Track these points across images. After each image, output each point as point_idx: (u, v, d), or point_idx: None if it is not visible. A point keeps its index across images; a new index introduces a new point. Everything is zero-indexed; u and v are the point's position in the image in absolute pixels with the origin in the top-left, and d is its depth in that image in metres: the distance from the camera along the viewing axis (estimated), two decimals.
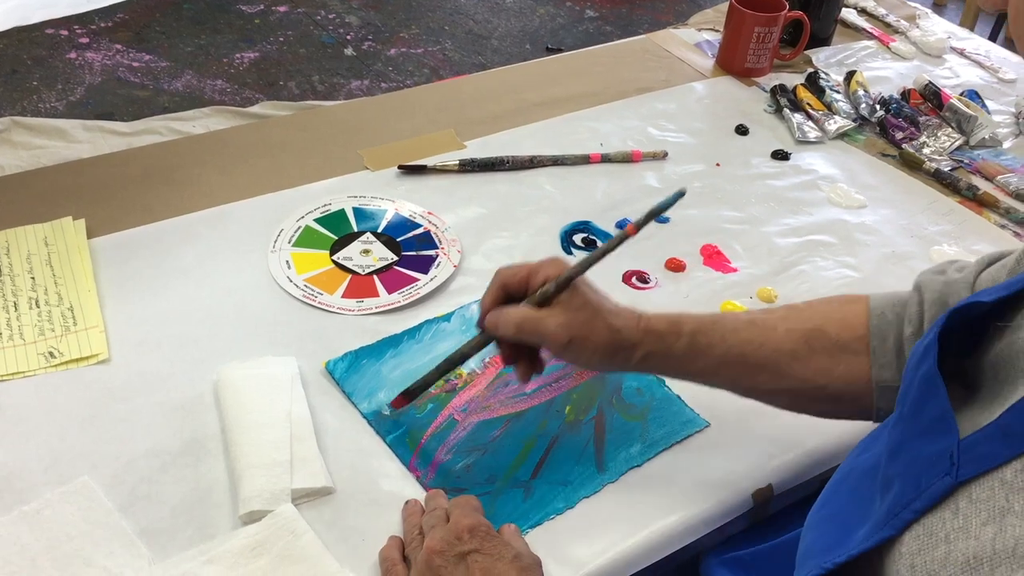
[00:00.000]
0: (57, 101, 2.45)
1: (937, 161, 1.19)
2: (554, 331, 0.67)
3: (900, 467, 0.53)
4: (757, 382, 0.70)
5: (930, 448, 0.51)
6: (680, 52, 1.40)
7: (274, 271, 0.90)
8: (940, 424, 0.51)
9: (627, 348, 0.69)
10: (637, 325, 0.69)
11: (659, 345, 0.69)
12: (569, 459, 0.74)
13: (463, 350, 0.72)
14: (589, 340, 0.67)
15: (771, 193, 1.10)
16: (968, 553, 0.45)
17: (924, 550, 0.47)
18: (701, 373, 0.71)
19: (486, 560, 0.60)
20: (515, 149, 1.12)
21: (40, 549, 0.64)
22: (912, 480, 0.51)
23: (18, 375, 0.77)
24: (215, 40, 2.81)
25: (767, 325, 0.70)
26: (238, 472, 0.69)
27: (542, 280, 0.69)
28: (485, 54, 2.93)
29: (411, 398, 0.74)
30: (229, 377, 0.77)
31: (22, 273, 0.87)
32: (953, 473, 0.48)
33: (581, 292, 0.68)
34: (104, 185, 1.01)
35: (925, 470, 0.50)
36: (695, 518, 0.72)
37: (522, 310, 0.69)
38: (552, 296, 0.68)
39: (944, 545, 0.46)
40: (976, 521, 0.45)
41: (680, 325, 0.70)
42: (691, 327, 0.69)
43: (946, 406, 0.51)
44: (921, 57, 1.46)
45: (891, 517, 0.51)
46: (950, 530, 0.46)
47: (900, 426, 0.55)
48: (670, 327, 0.69)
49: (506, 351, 0.72)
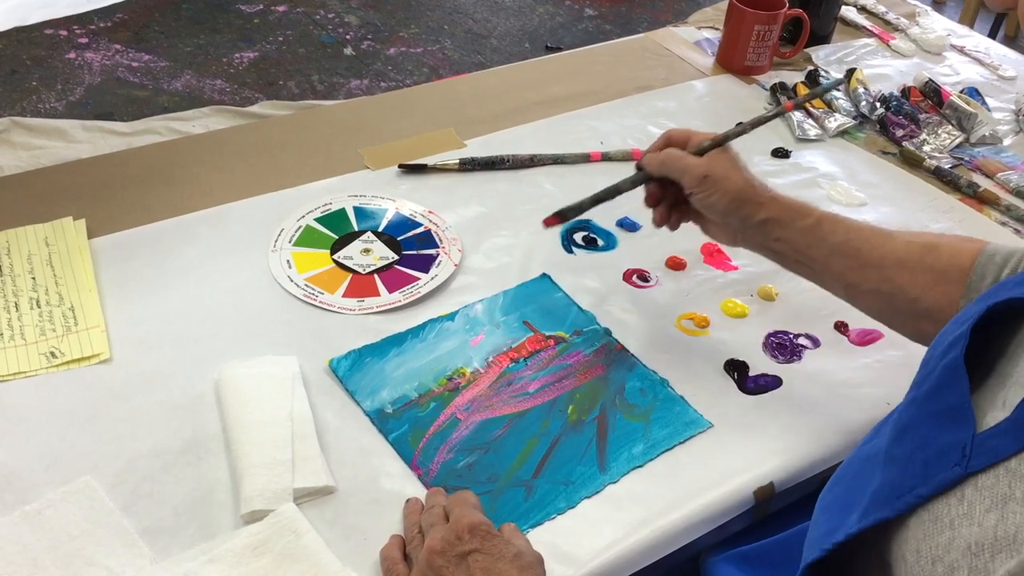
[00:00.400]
0: (56, 101, 2.45)
1: (937, 159, 1.18)
2: (695, 164, 0.78)
3: (907, 449, 0.53)
4: (862, 277, 0.76)
5: (943, 437, 0.51)
6: (680, 50, 1.40)
7: (275, 270, 0.90)
8: (957, 415, 0.51)
9: (753, 203, 0.78)
10: (767, 192, 0.79)
11: (784, 215, 0.78)
12: (571, 459, 0.74)
13: (618, 185, 0.82)
14: (723, 181, 0.77)
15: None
16: (971, 539, 0.45)
17: (929, 535, 0.48)
18: (812, 258, 0.78)
19: (487, 560, 0.60)
20: (515, 148, 1.12)
21: (42, 549, 0.64)
22: (919, 466, 0.51)
23: (19, 375, 0.77)
24: (214, 40, 2.81)
25: (889, 233, 0.77)
26: (239, 471, 0.69)
27: (699, 139, 0.80)
28: (484, 53, 2.93)
29: (564, 219, 0.82)
30: (230, 376, 0.77)
31: (23, 273, 0.87)
32: (963, 464, 0.48)
33: (730, 152, 0.80)
34: (104, 185, 1.01)
35: (934, 459, 0.50)
36: (696, 516, 0.72)
37: (671, 150, 0.80)
38: (705, 151, 0.79)
39: (949, 531, 0.47)
40: (980, 508, 0.46)
41: (809, 208, 0.78)
42: (819, 213, 0.78)
43: (966, 398, 0.51)
44: (921, 55, 1.46)
45: (892, 499, 0.51)
46: (955, 516, 0.47)
47: (912, 408, 0.55)
48: (799, 205, 0.78)
49: (652, 191, 0.83)
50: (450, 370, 0.81)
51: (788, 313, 0.92)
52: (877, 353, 0.88)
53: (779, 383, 0.84)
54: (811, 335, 0.89)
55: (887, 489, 0.52)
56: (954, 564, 0.45)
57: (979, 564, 0.44)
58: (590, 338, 0.86)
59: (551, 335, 0.86)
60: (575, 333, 0.86)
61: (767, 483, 0.75)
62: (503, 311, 0.88)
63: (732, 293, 0.93)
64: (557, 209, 0.81)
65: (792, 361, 0.86)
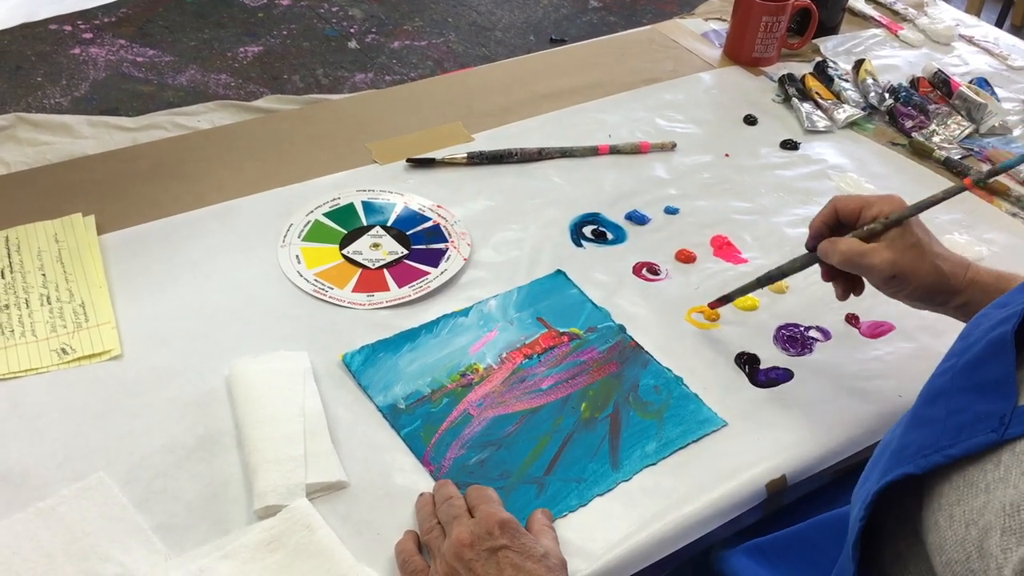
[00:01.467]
0: (62, 97, 2.45)
1: (947, 149, 1.18)
2: (879, 265, 0.72)
3: (939, 412, 0.52)
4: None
5: (980, 406, 0.50)
6: (687, 42, 1.39)
7: (284, 266, 0.90)
8: (999, 387, 0.50)
9: (948, 293, 0.73)
10: (964, 275, 0.73)
11: (982, 297, 0.71)
12: (584, 456, 0.74)
13: (785, 267, 0.81)
14: (913, 279, 0.72)
15: (780, 183, 1.10)
16: (1006, 501, 0.45)
17: (964, 499, 0.47)
18: None
19: (517, 557, 0.60)
20: (523, 141, 1.11)
21: (57, 545, 0.64)
22: (951, 429, 0.50)
23: (31, 372, 0.78)
24: (218, 34, 2.81)
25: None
26: (252, 467, 0.69)
27: (874, 215, 0.73)
28: (489, 46, 2.92)
29: (727, 302, 0.86)
30: (242, 372, 0.77)
31: (33, 270, 0.87)
32: (1000, 431, 0.47)
33: (912, 231, 0.72)
34: (113, 181, 1.01)
35: (969, 424, 0.49)
36: (709, 510, 0.72)
37: (850, 242, 0.73)
38: (879, 234, 0.73)
39: (984, 495, 0.46)
40: (1016, 472, 0.45)
41: (1007, 281, 0.72)
42: (1007, 282, 0.72)
43: (1011, 371, 0.50)
44: (930, 45, 1.46)
45: (919, 457, 0.50)
46: (991, 480, 0.46)
47: (947, 376, 0.54)
48: (997, 281, 0.72)
49: (827, 270, 0.79)
50: (463, 366, 0.81)
51: (799, 306, 0.91)
52: (888, 345, 0.88)
53: (790, 376, 0.83)
54: (822, 328, 0.89)
55: (914, 447, 0.52)
56: (988, 526, 0.45)
57: (1014, 524, 0.43)
58: (604, 335, 0.85)
59: (565, 332, 0.85)
60: (589, 330, 0.86)
61: (779, 476, 0.75)
62: (517, 307, 0.88)
63: None
64: (722, 295, 0.86)
65: (803, 354, 0.86)
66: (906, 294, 0.74)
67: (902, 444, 0.54)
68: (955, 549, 0.47)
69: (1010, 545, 0.43)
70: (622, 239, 0.99)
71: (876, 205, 0.74)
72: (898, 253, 0.72)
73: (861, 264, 0.73)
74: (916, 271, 0.72)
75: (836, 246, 0.74)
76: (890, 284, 0.73)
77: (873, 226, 0.73)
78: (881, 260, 0.72)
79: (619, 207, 1.03)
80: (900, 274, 0.72)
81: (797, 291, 0.93)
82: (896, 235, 0.72)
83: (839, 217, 0.76)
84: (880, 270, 0.72)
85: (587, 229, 0.99)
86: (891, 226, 0.72)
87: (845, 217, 0.76)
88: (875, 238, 0.73)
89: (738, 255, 0.98)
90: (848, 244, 0.74)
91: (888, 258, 0.71)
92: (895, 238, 0.72)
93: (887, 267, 0.71)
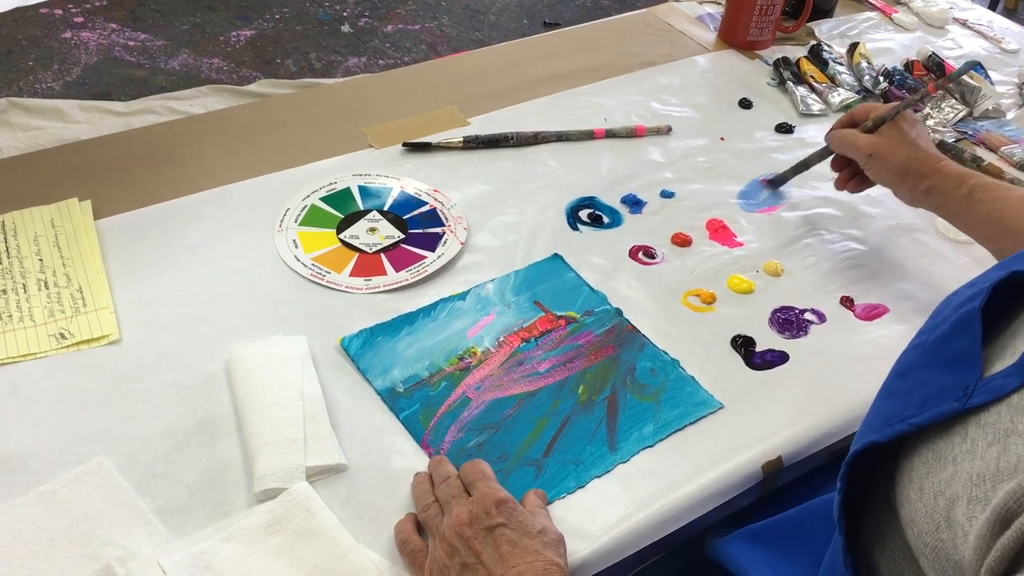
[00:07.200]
0: (53, 81, 2.44)
1: (941, 133, 1.18)
2: (863, 144, 0.90)
3: (907, 384, 0.54)
4: (1004, 244, 0.80)
5: (947, 379, 0.51)
6: (682, 25, 1.39)
7: (281, 250, 0.91)
8: (965, 361, 0.51)
9: (916, 175, 0.87)
10: (933, 164, 0.87)
11: (943, 185, 0.85)
12: (581, 439, 0.75)
13: (808, 159, 1.02)
14: (888, 158, 0.89)
15: (776, 166, 1.10)
16: (973, 472, 0.46)
17: (932, 472, 0.48)
18: (965, 223, 0.85)
19: (514, 534, 0.61)
20: (519, 125, 1.11)
21: (58, 529, 0.65)
22: (916, 399, 0.51)
23: (30, 356, 0.78)
24: (210, 18, 2.79)
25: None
26: (252, 450, 0.70)
27: (873, 116, 0.91)
28: (483, 29, 2.91)
29: (776, 185, 1.06)
30: (240, 356, 0.77)
31: (30, 255, 0.87)
32: (963, 400, 0.49)
33: (898, 125, 0.90)
34: (108, 166, 1.00)
35: (934, 395, 0.51)
36: (706, 491, 0.72)
37: (846, 131, 0.93)
38: (872, 130, 0.91)
39: (952, 467, 0.47)
40: (983, 443, 0.46)
41: (965, 177, 0.84)
42: (973, 182, 0.84)
43: (977, 346, 0.51)
44: (924, 28, 1.46)
45: (884, 426, 0.52)
46: (958, 453, 0.47)
47: (918, 351, 0.56)
48: (957, 175, 0.85)
49: (835, 160, 0.98)
50: (461, 349, 0.81)
51: (794, 289, 0.92)
52: (882, 328, 0.88)
53: (786, 358, 0.84)
54: (817, 310, 0.90)
55: (881, 416, 0.53)
56: (955, 496, 0.46)
57: (979, 493, 0.44)
58: (601, 318, 0.86)
59: (562, 315, 0.86)
60: (586, 313, 0.86)
61: (775, 457, 0.75)
62: (514, 291, 0.88)
63: (738, 269, 0.94)
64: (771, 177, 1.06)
65: (798, 336, 0.87)
66: (882, 174, 0.90)
67: (870, 415, 0.55)
68: (925, 521, 0.48)
69: (975, 513, 0.44)
70: (618, 223, 0.99)
71: (876, 109, 0.92)
72: (879, 138, 0.90)
73: (850, 143, 0.92)
74: (891, 153, 0.88)
75: (836, 133, 0.95)
76: (869, 162, 0.90)
77: (867, 123, 0.92)
78: (864, 141, 0.90)
79: (615, 191, 1.03)
80: (876, 153, 0.89)
81: (792, 274, 0.94)
82: (885, 128, 0.90)
83: (853, 119, 0.94)
84: (862, 148, 0.90)
85: (583, 213, 1.00)
86: (879, 123, 0.90)
87: (856, 118, 0.94)
88: (873, 132, 0.91)
89: (734, 238, 0.98)
90: (843, 131, 0.94)
91: (870, 140, 0.90)
92: (884, 130, 0.90)
93: (867, 146, 0.90)
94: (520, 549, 0.60)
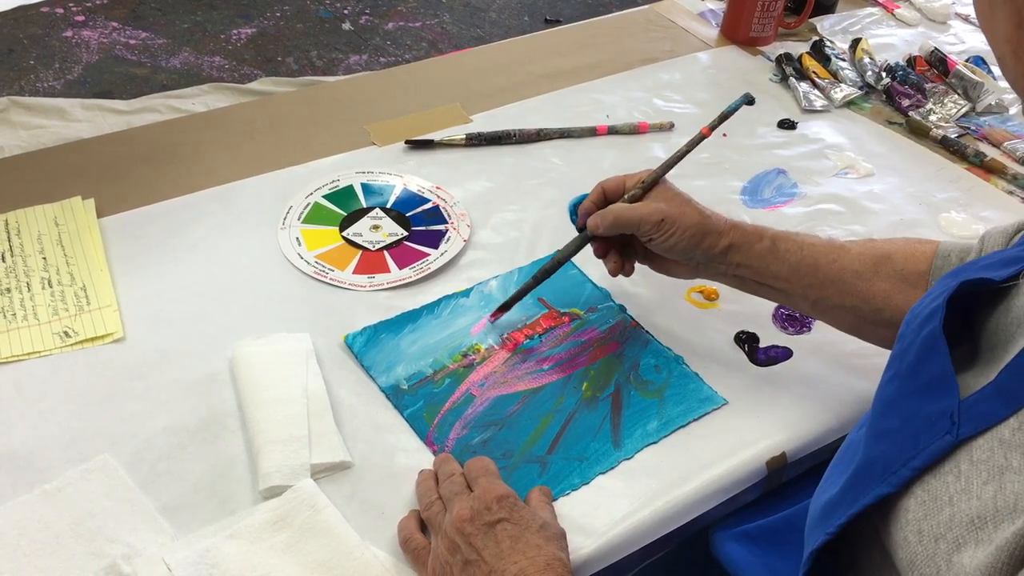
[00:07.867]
0: (55, 80, 2.44)
1: (944, 128, 1.18)
2: (648, 212, 0.76)
3: (896, 421, 0.54)
4: (825, 294, 0.76)
5: (929, 407, 0.51)
6: (684, 22, 1.39)
7: (284, 248, 0.91)
8: (941, 383, 0.52)
9: (714, 234, 0.77)
10: (726, 220, 0.78)
11: (743, 240, 0.77)
12: (585, 435, 0.75)
13: (559, 256, 0.82)
14: (680, 219, 0.76)
15: (778, 162, 1.10)
16: (972, 513, 0.46)
17: (931, 514, 0.48)
18: (775, 277, 0.77)
19: (515, 529, 0.61)
20: (521, 122, 1.11)
21: (64, 526, 0.65)
22: (910, 438, 0.51)
23: (34, 355, 0.78)
24: (211, 16, 2.79)
25: (842, 246, 0.77)
26: (256, 448, 0.70)
27: (634, 183, 0.79)
28: (484, 26, 2.91)
29: (506, 309, 0.84)
30: (244, 354, 0.77)
31: (33, 254, 0.87)
32: (954, 432, 0.49)
33: (669, 187, 0.79)
34: (110, 164, 1.00)
35: (924, 428, 0.51)
36: (710, 487, 0.72)
37: (617, 206, 0.78)
38: (641, 197, 0.78)
39: (948, 508, 0.47)
40: (977, 481, 0.46)
41: (764, 230, 0.78)
42: (773, 233, 0.78)
43: (948, 366, 0.52)
44: (926, 23, 1.46)
45: (888, 474, 0.51)
46: (953, 492, 0.47)
47: (895, 383, 0.56)
48: (755, 229, 0.78)
49: (599, 246, 0.81)
50: (465, 346, 0.81)
51: None
52: None
53: (789, 354, 0.84)
54: None
55: (881, 463, 0.53)
56: (958, 539, 0.46)
57: (983, 536, 0.45)
58: (605, 315, 0.86)
59: (566, 312, 0.86)
60: (590, 310, 0.86)
61: (779, 453, 0.75)
62: (517, 288, 0.88)
63: None
64: (500, 303, 0.84)
65: (802, 332, 0.87)
66: (676, 238, 0.76)
67: (868, 458, 0.55)
68: (927, 564, 0.48)
69: (978, 555, 0.44)
70: None
71: (634, 176, 0.80)
72: (661, 202, 0.77)
73: (631, 217, 0.77)
74: (681, 213, 0.76)
75: (606, 212, 0.78)
76: (660, 228, 0.76)
77: (634, 191, 0.78)
78: (648, 209, 0.77)
79: None
80: (667, 216, 0.76)
81: None
82: (657, 191, 0.78)
83: (606, 195, 0.80)
84: (648, 215, 0.76)
85: None
86: (649, 187, 0.78)
87: (611, 194, 0.80)
88: (639, 200, 0.78)
89: None
90: (615, 207, 0.78)
91: (654, 206, 0.77)
92: (656, 193, 0.78)
93: (655, 212, 0.76)
94: (521, 544, 0.60)
